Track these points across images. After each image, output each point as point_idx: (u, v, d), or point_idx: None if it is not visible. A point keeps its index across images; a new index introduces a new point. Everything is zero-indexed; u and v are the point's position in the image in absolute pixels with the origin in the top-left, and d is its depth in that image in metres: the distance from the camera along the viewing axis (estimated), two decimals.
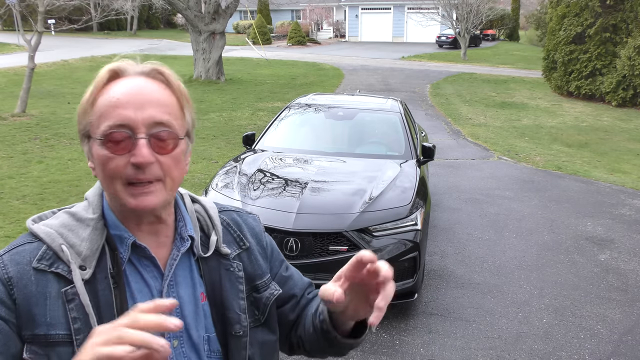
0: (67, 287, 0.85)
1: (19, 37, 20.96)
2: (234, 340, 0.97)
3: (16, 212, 5.60)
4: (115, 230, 0.92)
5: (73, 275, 0.86)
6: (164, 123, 0.88)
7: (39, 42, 11.25)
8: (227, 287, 0.99)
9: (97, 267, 0.88)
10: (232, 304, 0.98)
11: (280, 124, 5.60)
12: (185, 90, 0.95)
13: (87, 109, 0.91)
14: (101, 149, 0.87)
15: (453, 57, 27.67)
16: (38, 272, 0.86)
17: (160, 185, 0.88)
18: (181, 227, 0.98)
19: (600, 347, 3.56)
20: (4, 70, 17.60)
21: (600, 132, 11.91)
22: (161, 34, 40.69)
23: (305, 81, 18.25)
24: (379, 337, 3.58)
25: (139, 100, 0.87)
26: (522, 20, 45.79)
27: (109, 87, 0.89)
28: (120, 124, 0.86)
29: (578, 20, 15.93)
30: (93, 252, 0.89)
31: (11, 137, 9.22)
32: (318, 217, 3.70)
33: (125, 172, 0.86)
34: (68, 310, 0.85)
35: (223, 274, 0.99)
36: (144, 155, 0.85)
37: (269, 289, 1.06)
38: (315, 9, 40.66)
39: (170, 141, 0.88)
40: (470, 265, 4.74)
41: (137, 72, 0.91)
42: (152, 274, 0.93)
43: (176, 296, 0.93)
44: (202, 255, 0.98)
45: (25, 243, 0.90)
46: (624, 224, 5.91)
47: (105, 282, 0.88)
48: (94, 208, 0.93)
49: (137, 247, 0.92)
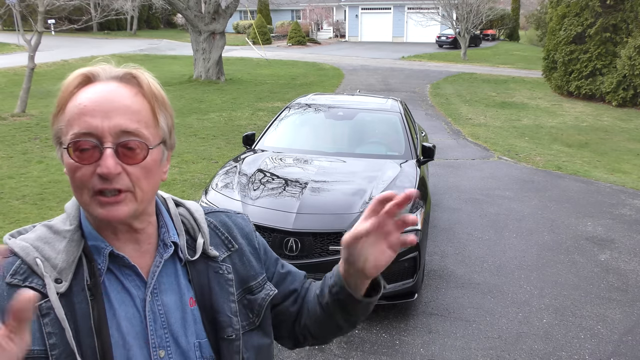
0: (42, 302, 0.82)
1: (19, 37, 20.97)
2: (226, 345, 0.95)
3: (16, 212, 5.60)
4: (93, 240, 0.89)
5: (47, 289, 0.83)
6: (132, 132, 0.84)
7: (39, 42, 11.25)
8: (217, 290, 0.96)
9: (74, 280, 0.85)
10: (222, 307, 0.95)
11: (280, 124, 5.60)
12: (162, 94, 0.91)
13: (57, 114, 0.87)
14: (68, 157, 0.84)
15: (453, 57, 27.67)
16: (12, 287, 0.82)
17: (129, 195, 0.85)
18: (164, 233, 0.95)
19: (601, 347, 3.55)
20: (4, 70, 17.61)
21: (601, 132, 11.91)
22: (161, 34, 40.70)
23: (305, 81, 18.25)
24: (379, 337, 3.58)
25: (106, 108, 0.83)
26: (522, 20, 45.80)
27: (79, 93, 0.86)
28: (86, 132, 0.82)
29: (578, 20, 15.93)
30: (69, 264, 0.86)
31: (11, 137, 9.22)
32: (318, 217, 3.70)
33: (92, 182, 0.83)
34: (43, 325, 0.82)
35: (212, 277, 0.96)
36: (109, 166, 0.81)
37: (264, 290, 1.03)
38: (315, 9, 40.66)
39: (139, 151, 0.85)
40: (470, 265, 4.74)
41: (109, 77, 0.87)
42: (135, 282, 0.90)
43: (160, 304, 0.90)
44: (189, 259, 0.95)
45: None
46: (624, 224, 5.91)
47: (82, 294, 0.85)
48: (71, 219, 0.90)
49: (115, 256, 0.89)
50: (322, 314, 1.04)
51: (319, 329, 1.08)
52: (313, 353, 3.39)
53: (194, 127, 10.32)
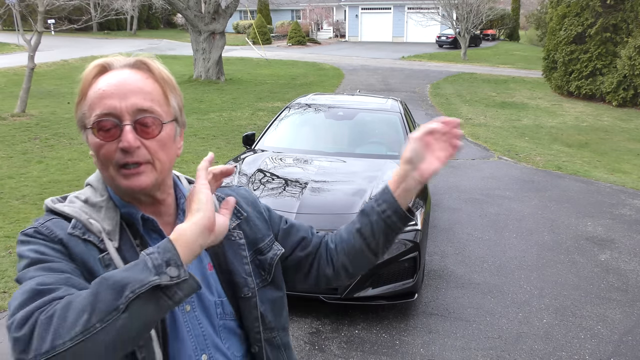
0: (103, 254, 0.93)
1: (19, 37, 20.96)
2: (244, 302, 1.07)
3: (16, 212, 5.60)
4: (124, 208, 1.00)
5: (106, 244, 0.94)
6: (147, 110, 0.95)
7: (38, 42, 11.25)
8: (231, 255, 1.08)
9: (121, 240, 0.97)
10: (237, 270, 1.07)
11: (280, 124, 5.60)
12: (171, 78, 1.01)
13: (79, 102, 0.99)
14: (93, 137, 0.95)
15: (453, 57, 27.66)
16: (72, 237, 0.94)
17: (149, 167, 0.96)
18: (183, 203, 1.06)
19: (601, 348, 3.55)
20: (4, 70, 17.60)
21: (601, 132, 11.90)
22: (161, 34, 40.69)
23: (305, 81, 18.24)
24: (379, 337, 3.58)
25: (122, 90, 0.94)
26: (522, 20, 45.79)
27: (97, 80, 0.97)
28: (106, 113, 0.93)
29: (578, 20, 15.92)
30: (114, 227, 0.97)
31: (11, 137, 9.22)
32: (318, 217, 3.70)
33: (116, 157, 0.94)
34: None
35: (225, 244, 1.07)
36: (129, 140, 0.92)
37: (272, 250, 1.15)
38: (315, 9, 40.65)
39: (154, 126, 0.96)
40: (470, 265, 4.73)
41: (122, 65, 0.98)
42: None
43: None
44: None
45: (54, 218, 0.97)
46: (624, 224, 5.91)
47: (131, 250, 0.97)
48: (100, 192, 1.01)
49: (145, 220, 1.00)
50: (363, 244, 1.15)
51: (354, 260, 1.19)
52: (313, 353, 3.39)
53: (194, 127, 10.32)
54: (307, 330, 3.63)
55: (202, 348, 1.01)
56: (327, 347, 3.46)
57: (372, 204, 1.15)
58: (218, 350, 1.03)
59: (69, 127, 10.30)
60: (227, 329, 1.06)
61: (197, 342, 1.01)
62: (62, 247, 0.92)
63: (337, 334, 3.59)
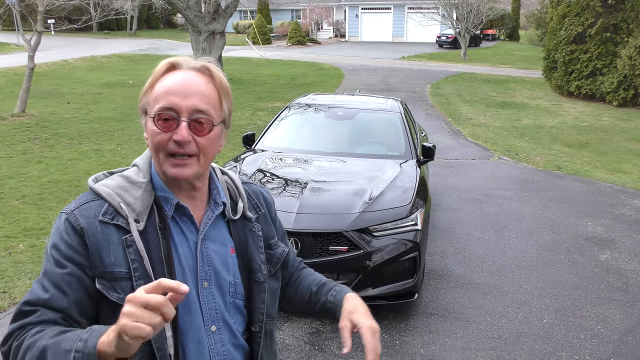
0: (127, 236, 1.08)
1: (19, 37, 20.96)
2: (256, 285, 1.23)
3: (16, 212, 5.59)
4: (162, 192, 1.14)
5: (131, 227, 1.08)
6: (203, 111, 1.09)
7: (38, 42, 11.24)
8: (251, 244, 1.24)
9: (148, 221, 1.10)
10: (255, 257, 1.24)
11: (280, 124, 5.60)
12: (227, 85, 1.17)
13: (147, 91, 1.12)
14: (152, 125, 1.09)
15: (453, 57, 27.65)
16: (102, 224, 1.08)
17: (195, 159, 1.10)
18: (215, 195, 1.21)
19: (601, 348, 3.55)
20: (4, 70, 17.60)
21: (601, 132, 11.90)
22: (161, 33, 40.68)
23: (305, 81, 18.24)
24: (379, 337, 3.58)
25: (185, 90, 1.08)
26: (523, 20, 45.78)
27: (167, 76, 1.11)
28: (168, 107, 1.07)
29: (579, 20, 15.92)
30: (145, 208, 1.11)
31: (11, 137, 9.21)
32: (318, 217, 3.70)
33: (168, 146, 1.08)
34: (127, 254, 1.07)
35: (248, 233, 1.24)
36: (183, 134, 1.07)
37: (279, 247, 1.33)
38: (315, 9, 40.64)
39: (206, 126, 1.10)
40: (470, 265, 4.73)
41: (189, 67, 1.12)
42: (190, 229, 1.16)
43: (207, 248, 1.16)
44: (232, 217, 1.22)
45: (90, 201, 1.11)
46: (624, 224, 5.91)
47: (154, 232, 1.10)
48: (144, 173, 1.15)
49: (179, 206, 1.14)
50: (307, 302, 1.41)
51: (298, 306, 1.44)
52: (313, 353, 3.39)
53: None
54: (307, 330, 3.63)
55: (212, 320, 1.15)
56: (327, 347, 3.46)
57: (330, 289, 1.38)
58: (225, 324, 1.18)
59: (69, 127, 10.30)
60: (236, 306, 1.20)
61: (210, 315, 1.15)
62: (81, 238, 1.06)
63: (337, 334, 3.59)
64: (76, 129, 10.18)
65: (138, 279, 1.06)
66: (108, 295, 1.05)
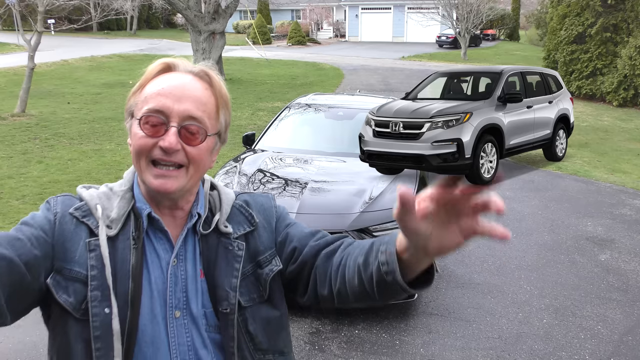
0: (92, 239, 0.97)
1: (19, 37, 20.94)
2: (223, 317, 1.00)
3: (16, 212, 5.59)
4: (139, 203, 1.02)
5: (99, 230, 0.97)
6: (196, 118, 0.97)
7: (38, 42, 11.24)
8: (222, 265, 1.02)
9: (121, 230, 0.99)
10: (222, 282, 1.01)
11: (280, 124, 5.60)
12: (227, 95, 1.05)
13: (136, 92, 1.01)
14: (137, 128, 0.97)
15: (453, 57, 27.65)
16: (71, 217, 0.98)
17: (182, 172, 0.97)
18: (194, 206, 1.04)
19: (601, 348, 3.55)
20: (4, 70, 17.60)
21: (601, 132, 11.90)
22: (161, 33, 40.67)
23: (305, 81, 18.24)
24: (379, 337, 3.58)
25: (179, 94, 0.97)
26: (523, 19, 45.76)
27: (159, 77, 1.00)
28: (157, 110, 0.95)
29: (579, 20, 15.92)
30: (120, 216, 0.99)
31: (11, 137, 9.22)
32: (318, 217, 3.70)
33: (152, 152, 0.96)
34: (89, 259, 0.95)
35: (220, 252, 1.03)
36: (171, 141, 0.94)
37: (270, 265, 1.07)
38: (315, 9, 40.64)
39: (198, 135, 0.97)
40: (470, 265, 4.73)
41: (186, 70, 1.01)
42: (164, 247, 1.01)
43: (184, 270, 1.00)
44: (201, 232, 1.03)
45: (74, 197, 1.04)
46: (624, 224, 5.91)
47: (126, 242, 0.98)
48: (125, 182, 1.05)
49: (152, 219, 1.01)
50: (363, 287, 0.97)
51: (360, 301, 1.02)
52: (313, 353, 3.39)
53: None
54: (307, 330, 3.63)
55: (182, 358, 0.97)
56: (327, 347, 3.46)
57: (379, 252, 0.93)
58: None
59: (69, 127, 10.31)
60: (215, 342, 1.01)
61: (179, 351, 0.97)
62: (51, 222, 0.97)
63: (337, 334, 3.59)
64: (76, 129, 10.18)
65: (93, 289, 0.93)
66: (55, 295, 0.93)
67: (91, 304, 0.93)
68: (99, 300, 0.93)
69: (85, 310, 0.93)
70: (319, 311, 3.84)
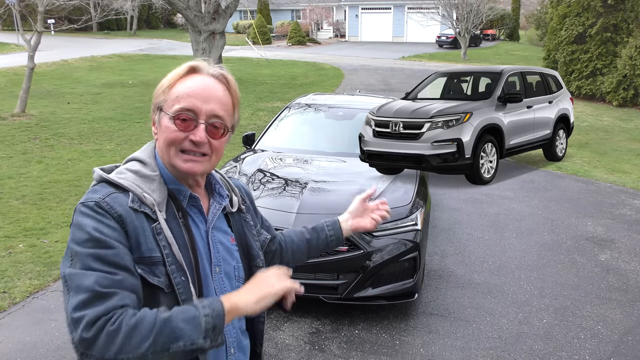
0: (155, 224, 1.13)
1: (19, 37, 20.94)
2: (256, 270, 1.31)
3: (16, 212, 5.59)
4: (173, 185, 1.21)
5: (158, 215, 1.14)
6: (220, 116, 1.19)
7: (38, 42, 11.24)
8: (248, 233, 1.36)
9: (167, 211, 1.17)
10: (253, 245, 1.36)
11: (280, 124, 5.60)
12: (239, 94, 1.26)
13: (165, 90, 1.19)
14: (170, 122, 1.17)
15: (453, 57, 27.65)
16: (133, 211, 1.12)
17: (207, 159, 1.20)
18: (218, 188, 1.31)
19: (601, 348, 3.55)
20: (4, 70, 17.59)
21: (601, 132, 11.90)
22: (161, 33, 40.67)
23: (305, 81, 18.24)
24: (379, 337, 3.58)
25: (206, 95, 1.18)
26: (523, 20, 45.77)
27: (187, 78, 1.19)
28: (189, 109, 1.16)
29: (579, 20, 15.93)
30: (163, 199, 1.17)
31: (11, 137, 9.21)
32: (318, 217, 3.66)
33: (183, 143, 1.17)
34: (159, 240, 1.13)
35: (244, 224, 1.36)
36: (201, 136, 1.16)
37: (262, 235, 1.47)
38: (315, 9, 40.64)
39: (221, 130, 1.20)
40: (470, 265, 4.73)
41: (209, 73, 1.21)
42: (200, 219, 1.24)
43: (215, 237, 1.26)
44: (231, 210, 1.33)
45: (113, 192, 1.13)
46: (624, 224, 5.91)
47: (175, 221, 1.18)
48: (152, 167, 1.20)
49: (191, 197, 1.23)
50: (309, 250, 1.61)
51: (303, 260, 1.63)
52: (313, 353, 3.39)
53: None
54: (307, 330, 3.63)
55: None
56: (327, 347, 3.46)
57: (324, 227, 1.61)
58: None
59: (68, 127, 10.30)
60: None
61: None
62: (120, 225, 1.10)
63: (337, 334, 3.59)
64: (76, 129, 10.18)
65: (170, 264, 1.13)
66: (149, 279, 1.10)
67: (172, 275, 1.12)
68: (177, 272, 1.13)
69: (170, 283, 1.12)
70: (319, 311, 3.84)
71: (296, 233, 1.61)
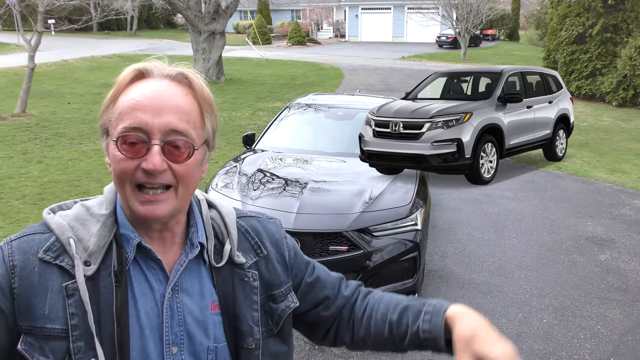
0: (69, 282, 0.84)
1: (19, 37, 20.95)
2: (246, 353, 0.95)
3: (16, 212, 5.60)
4: (124, 229, 0.90)
5: (76, 270, 0.84)
6: (180, 131, 0.85)
7: (38, 42, 11.25)
8: (241, 299, 0.95)
9: (102, 264, 0.87)
10: (245, 316, 0.95)
11: (280, 124, 5.60)
12: (210, 96, 0.92)
13: (108, 106, 0.88)
14: (115, 149, 0.85)
15: (453, 57, 27.65)
16: (43, 263, 0.85)
17: (171, 193, 0.87)
18: (192, 233, 0.95)
19: (601, 347, 3.55)
20: (4, 70, 17.60)
21: (601, 132, 11.90)
22: (161, 34, 40.68)
23: (305, 81, 18.25)
24: None
25: (158, 105, 0.84)
26: (522, 20, 45.77)
27: (133, 86, 0.87)
28: (135, 127, 0.84)
29: (579, 20, 15.93)
30: (100, 248, 0.87)
31: (11, 137, 9.22)
32: (318, 217, 3.70)
33: (135, 176, 0.85)
34: (67, 306, 0.83)
35: (237, 284, 0.96)
36: (155, 162, 0.83)
37: (286, 300, 1.02)
38: (315, 9, 40.65)
39: (185, 150, 0.86)
40: (470, 265, 4.73)
41: (162, 75, 0.88)
42: (158, 277, 0.90)
43: (180, 302, 0.91)
44: (214, 264, 0.95)
45: (37, 233, 0.89)
46: (624, 224, 5.91)
47: (108, 279, 0.86)
48: (107, 204, 0.92)
49: (143, 248, 0.90)
50: (389, 340, 1.04)
51: (377, 348, 1.09)
52: (313, 353, 3.39)
53: None
54: None
55: None
56: (327, 347, 3.46)
57: (420, 320, 0.99)
58: None
59: (69, 127, 10.31)
60: None
61: None
62: (9, 277, 0.84)
63: None
64: (76, 129, 10.18)
65: (76, 340, 0.83)
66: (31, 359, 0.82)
67: (75, 357, 0.82)
68: (84, 351, 0.83)
69: None
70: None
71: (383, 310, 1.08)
